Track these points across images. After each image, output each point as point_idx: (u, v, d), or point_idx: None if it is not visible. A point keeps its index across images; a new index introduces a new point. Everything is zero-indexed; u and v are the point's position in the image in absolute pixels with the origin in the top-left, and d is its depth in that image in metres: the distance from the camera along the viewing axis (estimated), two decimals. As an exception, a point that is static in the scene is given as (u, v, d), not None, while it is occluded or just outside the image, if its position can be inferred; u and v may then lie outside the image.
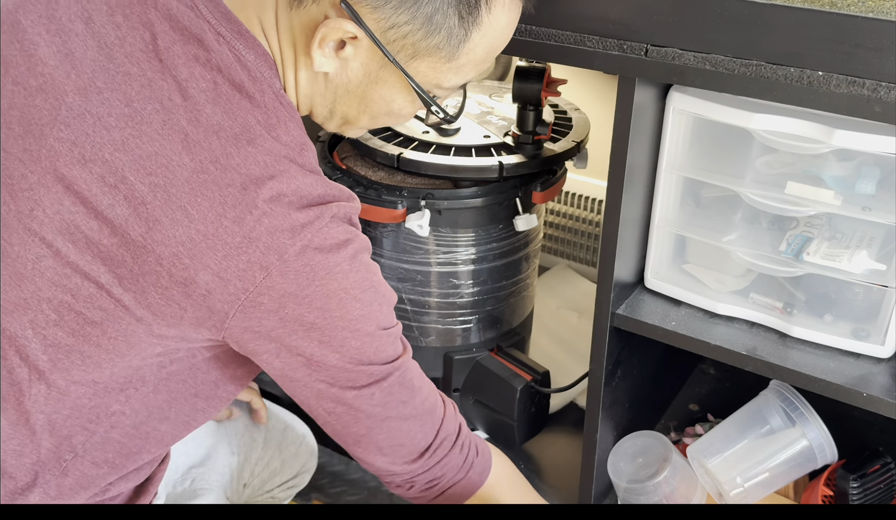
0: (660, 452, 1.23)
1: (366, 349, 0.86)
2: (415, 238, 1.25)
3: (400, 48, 0.83)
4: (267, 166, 0.79)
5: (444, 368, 1.37)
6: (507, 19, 0.86)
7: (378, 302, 0.86)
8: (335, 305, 0.82)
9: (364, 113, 0.90)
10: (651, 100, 1.03)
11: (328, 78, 0.86)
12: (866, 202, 0.98)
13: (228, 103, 0.80)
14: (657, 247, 1.14)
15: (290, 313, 0.80)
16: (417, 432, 0.94)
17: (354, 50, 0.83)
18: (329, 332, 0.83)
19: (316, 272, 0.80)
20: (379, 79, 0.86)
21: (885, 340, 1.02)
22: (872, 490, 1.18)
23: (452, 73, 0.86)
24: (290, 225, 0.79)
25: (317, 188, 0.82)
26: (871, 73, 0.84)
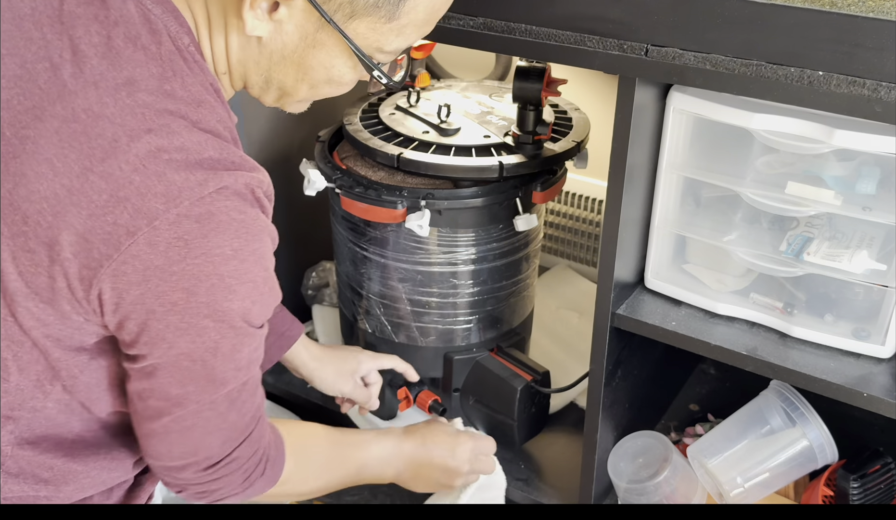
0: (660, 452, 1.23)
1: (222, 345, 0.79)
2: (415, 238, 1.25)
3: (337, 7, 0.79)
4: (145, 119, 0.73)
5: (444, 368, 1.37)
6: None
7: (253, 298, 0.79)
8: (204, 289, 0.75)
9: (302, 81, 0.86)
10: (651, 100, 1.03)
11: (262, 42, 0.82)
12: (866, 202, 0.98)
13: (118, 57, 0.76)
14: (657, 247, 1.14)
15: (153, 289, 0.74)
16: (215, 446, 0.87)
17: (289, 11, 0.79)
18: (190, 317, 0.76)
19: (190, 249, 0.73)
20: (316, 42, 0.82)
21: (885, 340, 1.02)
22: (873, 490, 1.18)
23: (394, 34, 0.82)
24: (165, 187, 0.72)
25: (208, 149, 0.76)
26: (871, 73, 0.84)
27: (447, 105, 1.33)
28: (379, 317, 1.35)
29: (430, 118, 1.33)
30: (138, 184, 0.72)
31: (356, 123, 1.33)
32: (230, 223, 0.75)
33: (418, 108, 1.37)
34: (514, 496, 1.35)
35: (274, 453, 0.95)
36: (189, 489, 0.91)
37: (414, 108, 1.37)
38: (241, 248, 0.76)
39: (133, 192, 0.72)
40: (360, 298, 1.36)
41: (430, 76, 1.47)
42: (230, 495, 0.92)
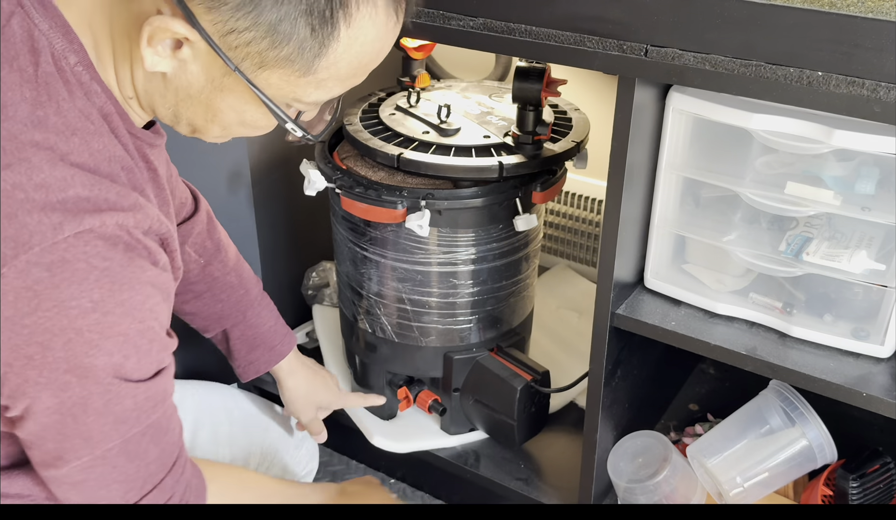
0: (659, 451, 1.23)
1: (91, 401, 0.72)
2: (415, 238, 1.25)
3: (244, 56, 0.72)
4: (5, 153, 0.67)
5: (444, 368, 1.37)
6: (376, 33, 0.76)
7: (125, 353, 0.72)
8: (60, 344, 0.68)
9: (212, 122, 0.80)
10: (651, 100, 1.04)
11: (167, 78, 0.76)
12: (866, 202, 0.98)
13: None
14: (657, 247, 1.14)
15: (6, 342, 0.68)
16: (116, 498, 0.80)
17: (192, 52, 0.73)
18: (48, 372, 0.69)
19: (41, 301, 0.67)
20: (224, 87, 0.76)
21: (884, 339, 1.02)
22: (872, 490, 1.19)
23: (312, 87, 0.76)
24: (15, 231, 0.66)
25: (74, 187, 0.69)
26: (870, 74, 0.84)
27: (447, 105, 1.34)
28: (379, 317, 1.35)
29: (430, 118, 1.33)
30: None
31: (356, 124, 1.33)
32: (89, 272, 0.68)
33: (418, 109, 1.37)
34: (514, 496, 1.36)
35: (192, 498, 0.89)
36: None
37: (414, 108, 1.37)
38: (103, 299, 0.69)
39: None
40: (361, 298, 1.36)
41: (430, 76, 1.47)
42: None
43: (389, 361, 1.39)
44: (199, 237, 1.18)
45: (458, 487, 1.49)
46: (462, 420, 1.41)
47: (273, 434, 1.30)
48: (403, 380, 1.42)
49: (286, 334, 1.27)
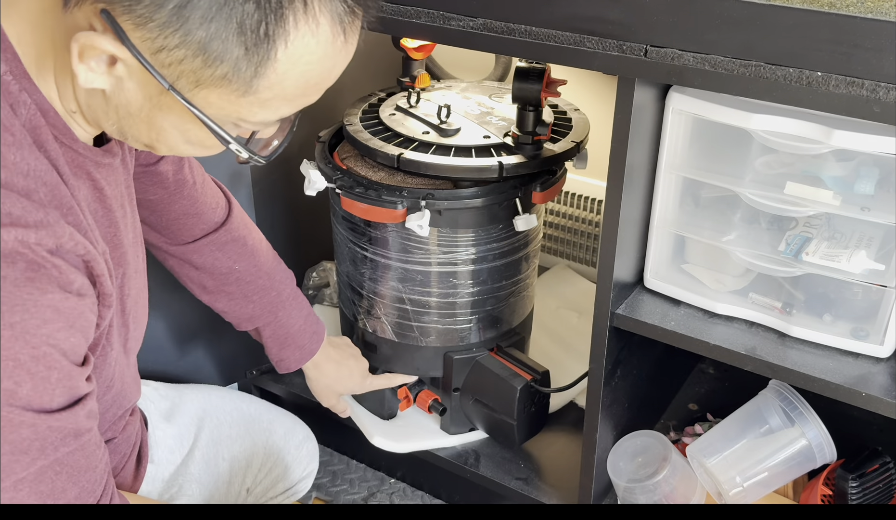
0: (659, 451, 1.23)
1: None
2: (415, 238, 1.25)
3: (179, 74, 0.69)
4: None
5: (444, 368, 1.37)
6: (323, 52, 0.72)
7: (17, 379, 0.67)
8: None
9: (158, 141, 0.77)
10: (650, 100, 1.04)
11: (106, 95, 0.73)
12: (865, 202, 0.98)
13: None
14: (656, 247, 1.15)
15: None
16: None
17: (127, 69, 0.70)
18: None
19: None
20: (163, 105, 0.73)
21: (883, 339, 1.02)
22: (871, 490, 1.19)
23: (256, 107, 0.73)
24: None
25: None
26: (870, 74, 0.84)
27: (447, 106, 1.34)
28: (379, 317, 1.35)
29: (430, 119, 1.33)
30: None
31: (356, 124, 1.33)
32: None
33: (418, 109, 1.37)
34: (514, 496, 1.36)
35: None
36: None
37: (414, 108, 1.38)
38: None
39: None
40: (361, 298, 1.36)
41: (429, 77, 1.48)
42: None
43: (389, 362, 1.39)
44: (233, 242, 1.20)
45: (458, 487, 1.49)
46: (462, 420, 1.41)
47: (274, 435, 1.30)
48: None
49: (315, 332, 1.29)
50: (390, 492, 1.54)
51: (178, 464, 1.17)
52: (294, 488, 1.32)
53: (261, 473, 1.27)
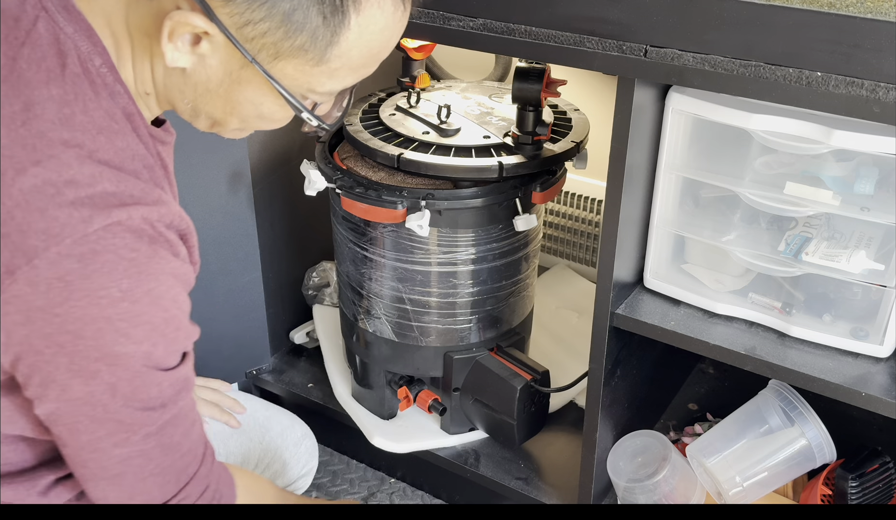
0: (659, 451, 1.23)
1: (121, 387, 0.74)
2: (415, 238, 1.25)
3: (260, 47, 0.75)
4: (35, 150, 0.70)
5: (444, 368, 1.37)
6: (385, 22, 0.78)
7: (153, 341, 0.74)
8: (91, 333, 0.70)
9: (231, 115, 0.82)
10: (650, 100, 1.04)
11: (186, 73, 0.78)
12: (865, 202, 0.98)
13: (19, 80, 0.72)
14: (656, 247, 1.15)
15: (38, 330, 0.70)
16: (154, 491, 0.82)
17: (211, 46, 0.75)
18: (80, 361, 0.71)
19: (72, 291, 0.69)
20: (242, 79, 0.78)
21: (883, 339, 1.02)
22: (871, 489, 1.19)
23: (325, 77, 0.78)
24: (46, 224, 0.68)
25: (101, 183, 0.71)
26: (869, 74, 0.85)
27: (447, 106, 1.34)
28: (379, 317, 1.35)
29: (430, 119, 1.33)
30: (19, 220, 0.68)
31: (356, 124, 1.33)
32: (118, 263, 0.70)
33: (418, 109, 1.37)
34: (514, 496, 1.36)
35: (226, 490, 0.91)
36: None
37: (414, 108, 1.38)
38: (131, 288, 0.71)
39: (14, 228, 0.68)
40: (361, 298, 1.36)
41: (429, 77, 1.48)
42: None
43: (389, 361, 1.39)
44: None
45: (458, 486, 1.49)
46: (462, 420, 1.41)
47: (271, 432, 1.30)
48: (403, 380, 1.42)
49: None
50: (390, 492, 1.54)
51: None
52: (292, 486, 1.32)
53: (258, 468, 1.27)
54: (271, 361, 1.63)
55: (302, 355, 1.65)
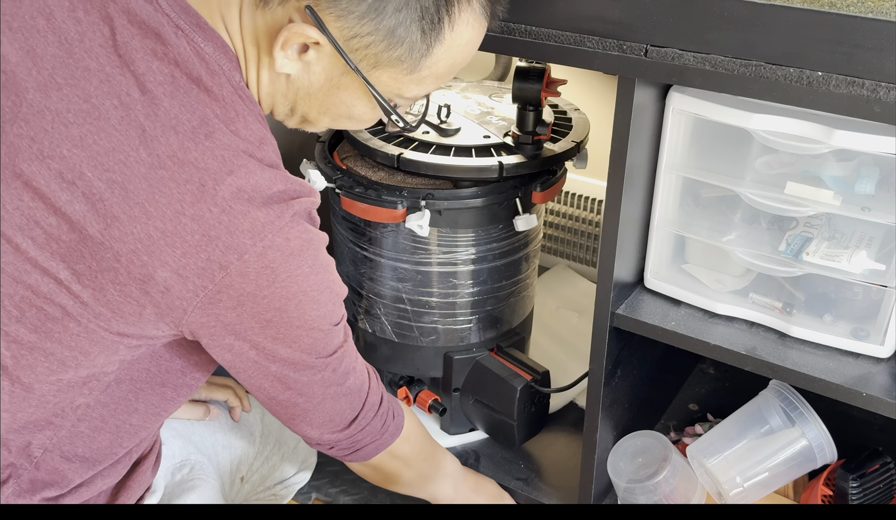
0: (659, 451, 1.23)
1: (316, 344, 0.89)
2: (415, 238, 1.25)
3: (362, 57, 0.83)
4: (225, 161, 0.79)
5: (444, 368, 1.37)
6: (470, 36, 0.87)
7: (333, 301, 0.89)
8: (293, 306, 0.84)
9: (325, 115, 0.91)
10: (651, 100, 1.04)
11: (290, 79, 0.87)
12: (866, 202, 0.98)
13: (186, 97, 0.80)
14: (657, 247, 1.14)
15: (247, 311, 0.82)
16: (347, 408, 0.99)
17: (317, 55, 0.84)
18: (284, 330, 0.85)
19: (277, 274, 0.81)
20: (341, 85, 0.87)
21: (884, 339, 1.02)
22: (872, 490, 1.19)
23: (414, 84, 0.88)
24: (250, 224, 0.79)
25: (276, 183, 0.82)
26: (870, 74, 0.84)
27: (447, 105, 1.34)
28: (379, 317, 1.35)
29: (430, 118, 1.33)
30: (227, 223, 0.78)
31: (356, 124, 1.33)
32: (304, 245, 0.83)
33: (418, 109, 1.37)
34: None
35: (396, 405, 1.09)
36: (338, 445, 1.03)
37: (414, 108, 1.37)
38: (314, 263, 0.84)
39: (223, 231, 0.78)
40: (360, 298, 1.36)
41: (430, 76, 1.47)
42: (371, 442, 1.05)
43: (389, 361, 1.39)
44: None
45: (458, 487, 1.49)
46: (462, 420, 1.41)
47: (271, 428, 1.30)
48: (403, 380, 1.42)
49: None
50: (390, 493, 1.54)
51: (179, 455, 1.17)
52: (290, 480, 1.32)
53: (256, 461, 1.27)
54: (271, 361, 1.63)
55: (302, 355, 1.65)
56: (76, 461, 0.90)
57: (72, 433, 0.88)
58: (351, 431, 1.01)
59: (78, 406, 0.87)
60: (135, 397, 0.92)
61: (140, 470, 1.00)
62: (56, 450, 0.88)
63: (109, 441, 0.92)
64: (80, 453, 0.90)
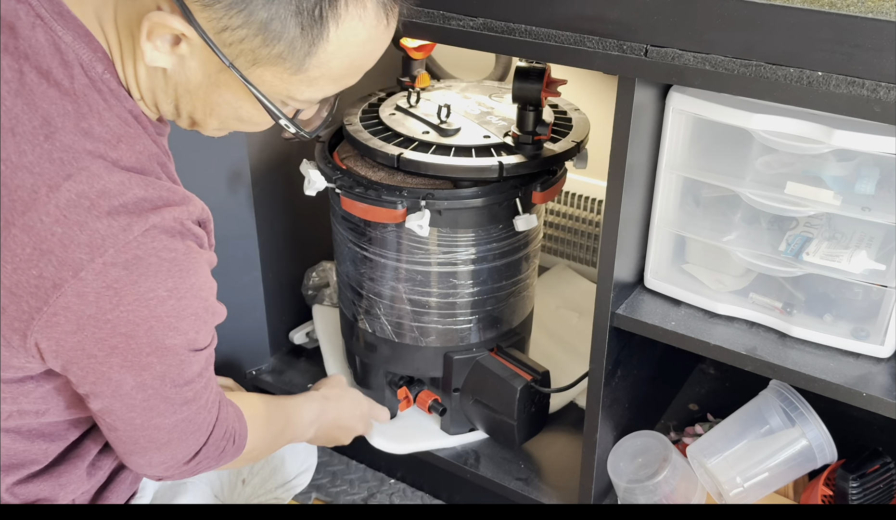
0: (659, 451, 1.23)
1: (170, 372, 0.80)
2: (415, 238, 1.25)
3: (238, 53, 0.76)
4: (63, 164, 0.72)
5: (444, 368, 1.37)
6: (367, 35, 0.78)
7: (197, 328, 0.80)
8: (143, 332, 0.75)
9: (211, 116, 0.83)
10: (651, 100, 1.04)
11: (167, 74, 0.79)
12: (866, 202, 0.98)
13: (31, 94, 0.73)
14: (657, 247, 1.14)
15: (89, 336, 0.74)
16: (192, 446, 0.90)
17: (190, 48, 0.76)
18: (132, 357, 0.77)
19: (121, 297, 0.73)
20: (220, 83, 0.79)
21: (884, 339, 1.02)
22: (872, 490, 1.19)
23: (304, 86, 0.79)
24: (88, 237, 0.71)
25: (132, 189, 0.74)
26: (870, 74, 0.84)
27: (447, 105, 1.34)
28: (379, 317, 1.35)
29: (430, 118, 1.33)
30: (60, 235, 0.71)
31: (356, 124, 1.33)
32: (160, 264, 0.74)
33: (418, 109, 1.37)
34: (515, 496, 1.36)
35: (238, 426, 0.98)
36: (171, 478, 0.94)
37: (414, 108, 1.37)
38: (175, 286, 0.75)
39: (56, 244, 0.71)
40: (360, 298, 1.36)
41: (429, 76, 1.47)
42: (207, 468, 0.96)
43: (389, 362, 1.39)
44: None
45: (458, 487, 1.49)
46: (462, 420, 1.41)
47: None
48: (403, 380, 1.42)
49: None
50: (390, 493, 1.54)
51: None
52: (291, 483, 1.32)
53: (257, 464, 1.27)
54: (271, 361, 1.63)
55: (301, 356, 1.65)
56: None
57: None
58: (188, 468, 0.92)
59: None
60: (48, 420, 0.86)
61: (118, 480, 0.98)
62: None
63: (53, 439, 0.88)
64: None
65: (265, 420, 1.08)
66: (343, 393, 1.29)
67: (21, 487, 0.88)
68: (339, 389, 1.29)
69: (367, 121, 1.34)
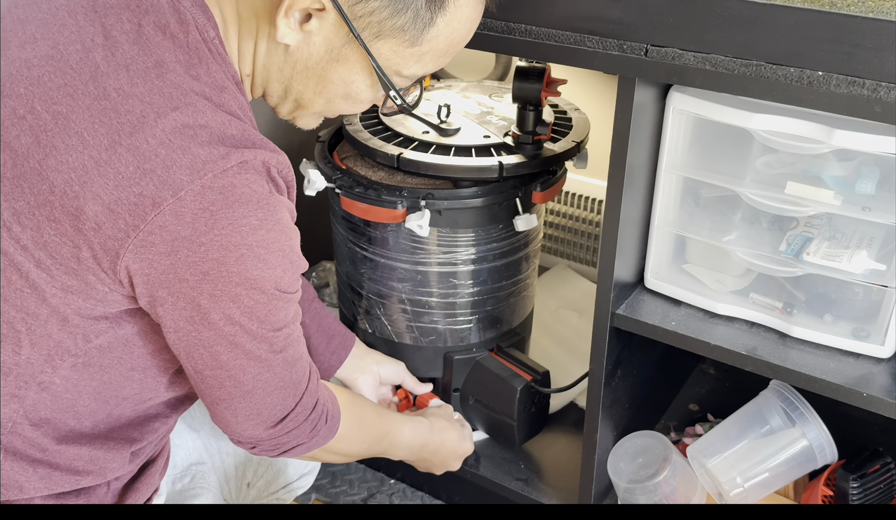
0: (660, 452, 1.23)
1: (258, 309, 0.81)
2: (415, 238, 1.25)
3: (365, 25, 0.83)
4: (172, 98, 0.77)
5: (444, 368, 1.37)
6: (470, 12, 0.87)
7: (284, 267, 0.82)
8: (234, 259, 0.77)
9: (320, 94, 0.89)
10: (651, 100, 1.03)
11: (289, 50, 0.85)
12: (866, 202, 0.98)
13: (147, 42, 0.79)
14: (657, 247, 1.14)
15: (182, 259, 0.76)
16: (278, 403, 0.91)
17: (319, 23, 0.83)
18: (222, 285, 0.78)
19: (216, 220, 0.76)
20: (340, 57, 0.85)
21: (884, 340, 1.02)
22: (872, 490, 1.19)
23: (414, 60, 0.87)
24: (189, 160, 0.75)
25: (230, 128, 0.79)
26: (870, 74, 0.84)
27: (447, 105, 1.33)
28: (379, 317, 1.35)
29: (430, 118, 1.33)
30: (164, 157, 0.74)
31: (356, 124, 1.33)
32: (252, 195, 0.77)
33: (418, 109, 1.37)
34: (515, 496, 1.35)
35: (331, 406, 1.00)
36: (261, 445, 0.94)
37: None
38: (265, 218, 0.78)
39: (159, 164, 0.74)
40: (360, 298, 1.36)
41: (430, 76, 1.47)
42: (298, 445, 0.96)
43: (389, 362, 1.39)
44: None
45: (458, 487, 1.49)
46: (462, 420, 1.41)
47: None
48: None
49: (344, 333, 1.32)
50: (390, 493, 1.54)
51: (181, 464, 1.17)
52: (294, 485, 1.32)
53: (261, 466, 1.27)
54: (271, 361, 1.63)
55: (302, 356, 1.65)
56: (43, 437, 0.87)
57: (34, 407, 0.85)
58: (277, 431, 0.92)
59: (40, 383, 0.83)
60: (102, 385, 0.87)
61: (149, 473, 0.99)
62: (18, 429, 0.85)
63: (96, 411, 0.89)
64: (60, 426, 0.87)
65: (365, 419, 1.10)
66: (449, 427, 1.26)
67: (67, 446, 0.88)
68: (447, 420, 1.27)
69: (366, 121, 1.34)
